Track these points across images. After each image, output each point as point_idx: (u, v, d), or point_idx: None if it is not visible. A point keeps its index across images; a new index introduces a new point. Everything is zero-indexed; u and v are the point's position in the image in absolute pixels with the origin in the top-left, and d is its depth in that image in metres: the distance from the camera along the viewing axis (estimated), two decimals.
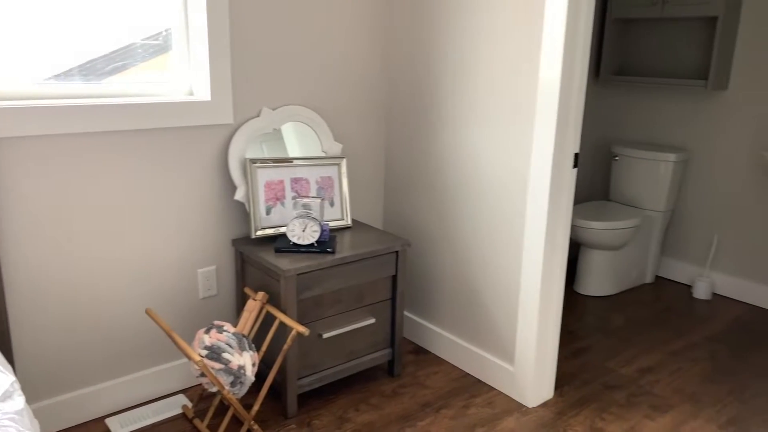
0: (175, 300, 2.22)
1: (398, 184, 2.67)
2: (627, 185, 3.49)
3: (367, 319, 2.28)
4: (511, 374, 2.28)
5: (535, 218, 2.10)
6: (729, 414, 2.22)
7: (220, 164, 2.23)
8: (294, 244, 2.16)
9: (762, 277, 3.19)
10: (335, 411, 2.18)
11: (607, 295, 3.34)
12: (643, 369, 2.54)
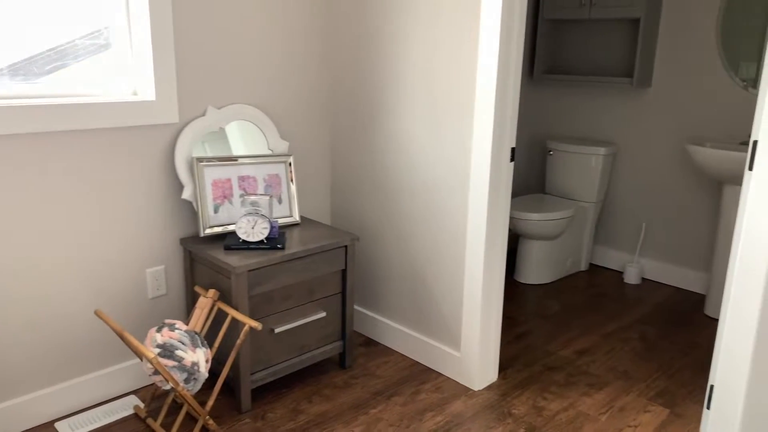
0: (124, 300, 2.21)
1: (344, 180, 2.73)
2: (561, 178, 3.67)
3: (318, 313, 2.33)
4: (457, 360, 2.39)
5: (476, 210, 2.21)
6: (658, 388, 2.40)
7: (166, 163, 2.24)
8: (243, 242, 2.19)
9: (686, 262, 3.43)
10: (288, 404, 2.23)
11: (544, 282, 3.50)
12: (579, 350, 2.69)
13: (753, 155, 1.60)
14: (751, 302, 1.61)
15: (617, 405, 2.27)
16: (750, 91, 3.06)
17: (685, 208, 3.39)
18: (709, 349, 2.74)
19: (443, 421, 2.14)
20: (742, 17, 3.03)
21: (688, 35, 3.23)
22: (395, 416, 2.16)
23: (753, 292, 1.60)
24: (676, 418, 2.19)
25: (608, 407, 2.25)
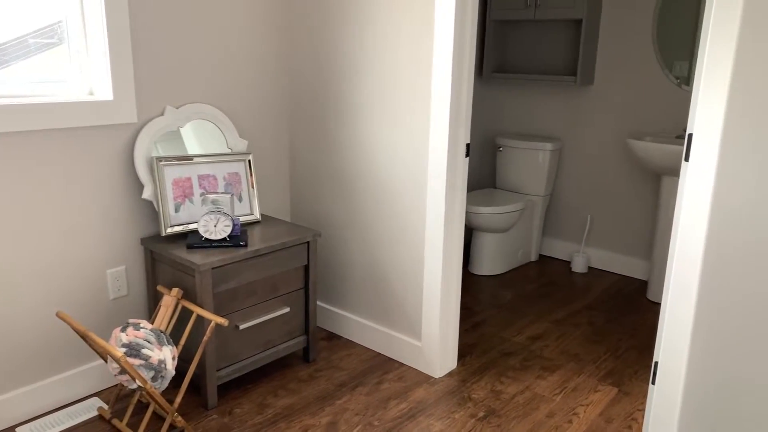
0: (84, 302, 2.19)
1: (304, 177, 2.77)
2: (510, 174, 3.81)
3: (282, 309, 2.37)
4: (418, 349, 2.47)
5: (434, 205, 2.29)
6: (607, 368, 2.54)
7: (125, 163, 2.23)
8: (206, 240, 2.21)
9: (629, 250, 3.62)
10: (255, 398, 2.26)
11: (497, 273, 3.63)
12: (533, 336, 2.82)
13: (689, 147, 1.74)
14: (690, 284, 1.74)
15: (570, 386, 2.40)
16: (683, 88, 3.26)
17: (627, 200, 3.58)
18: (653, 331, 2.92)
19: (407, 408, 2.22)
20: (675, 18, 3.23)
21: (626, 36, 3.41)
22: (360, 405, 2.22)
23: (691, 275, 1.73)
24: (624, 396, 2.34)
25: (561, 388, 2.38)
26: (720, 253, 1.38)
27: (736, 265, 1.37)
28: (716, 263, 1.39)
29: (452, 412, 2.20)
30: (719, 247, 1.38)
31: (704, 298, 1.42)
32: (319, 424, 2.11)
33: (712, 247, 1.38)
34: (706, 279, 1.40)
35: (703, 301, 1.65)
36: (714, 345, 1.42)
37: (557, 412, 2.22)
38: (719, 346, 1.41)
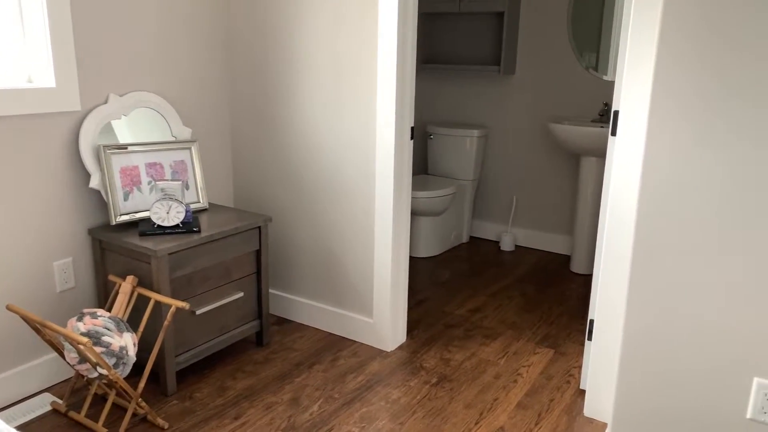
0: (31, 295, 2.13)
1: (248, 164, 2.80)
2: (441, 160, 3.99)
3: (236, 294, 2.40)
4: (370, 326, 2.57)
5: (383, 186, 2.40)
6: (542, 333, 2.76)
7: (70, 152, 2.18)
8: (159, 227, 2.20)
9: (553, 228, 3.89)
10: (214, 382, 2.28)
11: (433, 255, 3.80)
12: (472, 309, 3.00)
13: (615, 123, 1.95)
14: (621, 246, 1.95)
15: (511, 350, 2.59)
16: (593, 74, 3.55)
17: (550, 181, 3.84)
18: (579, 298, 3.17)
19: (364, 380, 2.32)
20: (586, 11, 3.51)
21: (544, 27, 3.66)
22: (319, 381, 2.30)
23: (623, 236, 1.94)
24: (560, 356, 2.55)
25: (504, 353, 2.56)
26: (649, 215, 1.57)
27: (666, 226, 1.56)
28: (646, 226, 1.58)
29: (407, 380, 2.33)
30: (649, 209, 1.57)
31: (637, 260, 1.61)
32: (282, 401, 2.17)
33: (642, 210, 1.57)
34: (638, 242, 1.60)
35: (638, 262, 1.84)
36: (646, 300, 1.62)
37: (503, 373, 2.40)
38: (651, 301, 1.61)
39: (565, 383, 2.33)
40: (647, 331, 1.63)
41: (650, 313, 1.62)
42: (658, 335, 1.62)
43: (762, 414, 1.51)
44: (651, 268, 1.59)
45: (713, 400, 1.58)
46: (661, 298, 1.59)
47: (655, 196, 1.55)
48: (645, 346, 1.64)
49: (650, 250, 1.58)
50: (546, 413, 2.14)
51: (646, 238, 1.58)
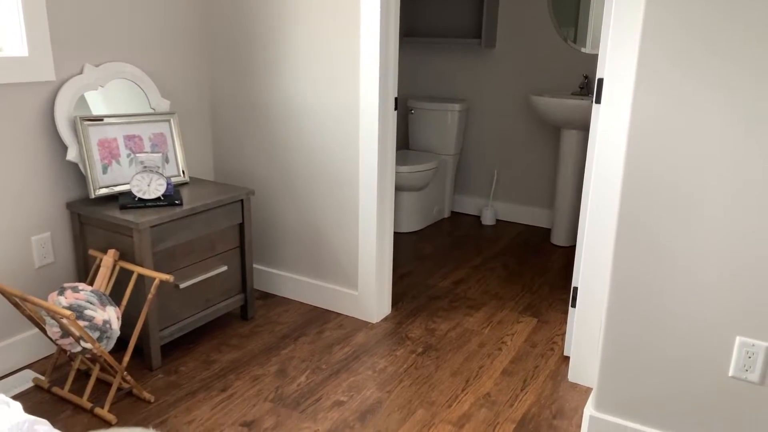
0: (8, 271, 2.08)
1: (228, 137, 2.76)
2: (422, 134, 3.98)
3: (220, 268, 2.38)
4: (355, 298, 2.57)
5: (368, 157, 2.39)
6: (525, 303, 2.79)
7: (45, 124, 2.12)
8: (140, 200, 2.16)
9: (533, 202, 3.92)
10: (199, 356, 2.27)
11: (415, 230, 3.81)
12: (456, 281, 3.02)
13: (600, 91, 1.96)
14: (605, 214, 1.97)
15: (495, 320, 2.61)
16: (572, 47, 3.55)
17: (530, 155, 3.86)
18: (560, 269, 3.21)
19: (351, 351, 2.33)
20: None
21: (524, 0, 3.65)
22: (306, 353, 2.30)
23: (607, 204, 1.96)
24: (543, 324, 2.59)
25: (488, 322, 2.59)
26: (634, 186, 1.58)
27: (651, 187, 1.58)
28: (631, 195, 1.59)
29: (393, 350, 2.34)
30: (633, 179, 1.58)
31: (622, 223, 1.63)
32: (268, 373, 2.16)
33: (627, 180, 1.59)
34: (624, 211, 1.61)
35: (623, 231, 1.85)
36: (631, 262, 1.64)
37: (487, 342, 2.42)
38: (636, 262, 1.64)
39: (549, 350, 2.37)
40: (631, 293, 1.66)
41: (635, 275, 1.64)
42: (642, 296, 1.65)
43: (743, 372, 1.55)
44: (636, 231, 1.61)
45: (696, 359, 1.62)
46: (646, 260, 1.61)
47: (641, 158, 1.56)
48: (629, 307, 1.67)
49: (636, 213, 1.60)
50: (531, 379, 2.17)
51: (632, 200, 1.60)
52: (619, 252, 1.65)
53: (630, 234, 1.62)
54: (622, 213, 1.61)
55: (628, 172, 1.58)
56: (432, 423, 1.92)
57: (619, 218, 1.62)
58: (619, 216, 1.62)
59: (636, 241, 1.61)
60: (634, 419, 1.75)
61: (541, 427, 1.91)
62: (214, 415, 1.93)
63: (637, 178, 1.58)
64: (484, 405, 2.01)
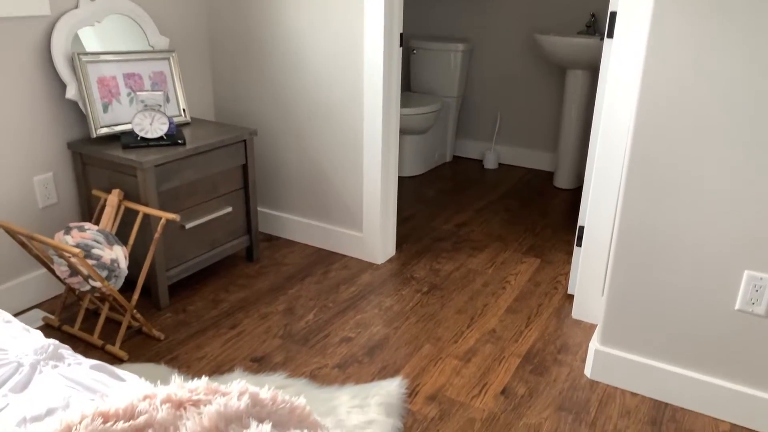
0: (12, 212, 2.07)
1: (228, 76, 2.70)
2: (425, 76, 3.91)
3: (225, 209, 2.37)
4: (360, 240, 2.58)
5: (372, 96, 2.34)
6: (528, 244, 2.80)
7: (42, 61, 2.06)
8: (142, 139, 2.13)
9: (536, 145, 3.89)
10: (206, 296, 2.28)
11: (417, 174, 3.79)
12: (459, 224, 3.02)
13: (612, 24, 1.90)
14: (614, 153, 1.95)
15: (498, 260, 2.63)
16: None
17: (534, 97, 3.81)
18: (563, 212, 3.21)
19: (357, 290, 2.35)
20: None
21: None
22: (312, 292, 2.32)
23: (616, 144, 1.94)
24: (546, 264, 2.61)
25: (492, 263, 2.60)
26: (646, 124, 1.56)
27: (663, 127, 1.56)
28: (643, 128, 1.57)
29: (399, 289, 2.36)
30: (646, 112, 1.56)
31: (633, 162, 1.62)
32: (277, 311, 2.19)
33: (640, 111, 1.56)
34: (635, 146, 1.59)
35: (635, 170, 1.84)
36: (641, 196, 1.64)
37: (491, 282, 2.44)
38: (646, 196, 1.63)
39: (553, 289, 2.39)
40: (640, 228, 1.66)
41: (644, 210, 1.64)
42: (651, 231, 1.65)
43: (750, 305, 1.57)
44: (646, 166, 1.60)
45: (703, 293, 1.63)
46: (656, 194, 1.61)
47: (656, 90, 1.53)
48: (637, 242, 1.68)
49: (647, 147, 1.58)
50: (535, 316, 2.20)
51: (644, 133, 1.58)
52: (629, 187, 1.64)
53: (640, 169, 1.61)
54: (634, 148, 1.60)
55: (641, 104, 1.56)
56: (439, 357, 1.95)
57: (631, 153, 1.60)
58: (631, 150, 1.60)
59: (646, 176, 1.60)
60: (640, 353, 1.78)
61: (546, 361, 1.95)
62: (224, 351, 1.95)
63: (649, 110, 1.55)
64: (489, 341, 2.05)
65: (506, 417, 1.70)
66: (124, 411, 0.71)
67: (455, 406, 1.73)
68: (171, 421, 0.70)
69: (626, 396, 1.79)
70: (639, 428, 1.67)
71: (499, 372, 1.89)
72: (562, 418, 1.70)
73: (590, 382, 1.85)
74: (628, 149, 1.62)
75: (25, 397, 0.87)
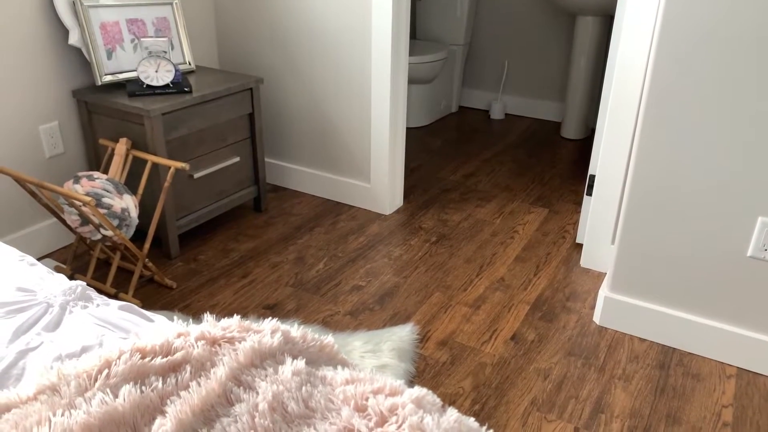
0: (19, 162, 2.05)
1: (233, 23, 2.64)
2: (430, 23, 3.82)
3: (232, 158, 2.35)
4: (368, 190, 2.57)
5: (381, 44, 2.29)
6: (535, 195, 2.80)
7: (42, 4, 2.01)
8: (148, 86, 2.10)
9: (543, 95, 3.84)
10: (216, 245, 2.29)
11: (423, 125, 3.75)
12: (466, 174, 3.01)
13: None
14: (628, 101, 1.92)
15: (506, 210, 2.63)
16: None
17: (542, 45, 3.73)
18: (570, 162, 3.20)
19: (365, 240, 2.35)
20: None
21: None
22: (321, 242, 2.33)
23: (630, 92, 1.91)
24: (554, 214, 2.61)
25: (499, 213, 2.60)
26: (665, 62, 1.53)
27: (681, 69, 1.53)
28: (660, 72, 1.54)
29: (407, 239, 2.37)
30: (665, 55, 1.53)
31: (648, 109, 1.59)
32: (287, 260, 2.20)
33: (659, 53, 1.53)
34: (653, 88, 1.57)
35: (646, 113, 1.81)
36: (655, 145, 1.62)
37: (499, 231, 2.45)
38: (660, 145, 1.61)
39: (561, 238, 2.40)
40: (653, 175, 1.65)
41: (657, 157, 1.63)
42: (664, 178, 1.64)
43: (762, 251, 1.57)
44: (661, 111, 1.58)
45: (715, 240, 1.64)
46: (670, 140, 1.59)
47: (677, 29, 1.50)
48: (650, 190, 1.67)
49: (663, 93, 1.56)
50: (544, 265, 2.21)
51: (662, 74, 1.55)
52: (643, 134, 1.62)
53: (655, 116, 1.58)
54: (652, 88, 1.57)
55: (661, 41, 1.52)
56: (449, 305, 1.97)
57: (648, 94, 1.58)
58: (649, 91, 1.58)
59: (662, 118, 1.58)
60: (649, 299, 1.80)
61: (554, 308, 1.97)
62: (237, 299, 1.97)
63: (670, 49, 1.52)
64: (498, 288, 2.06)
65: (516, 362, 1.73)
66: (161, 347, 0.72)
67: (466, 351, 1.76)
68: (207, 357, 0.71)
69: (634, 341, 1.82)
70: (647, 372, 1.70)
71: (508, 319, 1.91)
72: (572, 363, 1.73)
73: (599, 329, 1.87)
74: (645, 90, 1.59)
75: (58, 335, 0.88)
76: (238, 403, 0.67)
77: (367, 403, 0.68)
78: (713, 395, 1.62)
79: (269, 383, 0.67)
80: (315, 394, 0.67)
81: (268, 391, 0.66)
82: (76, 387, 0.70)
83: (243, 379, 0.70)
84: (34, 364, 0.81)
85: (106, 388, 0.67)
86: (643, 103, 1.60)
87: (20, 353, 0.84)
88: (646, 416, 1.55)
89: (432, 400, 0.68)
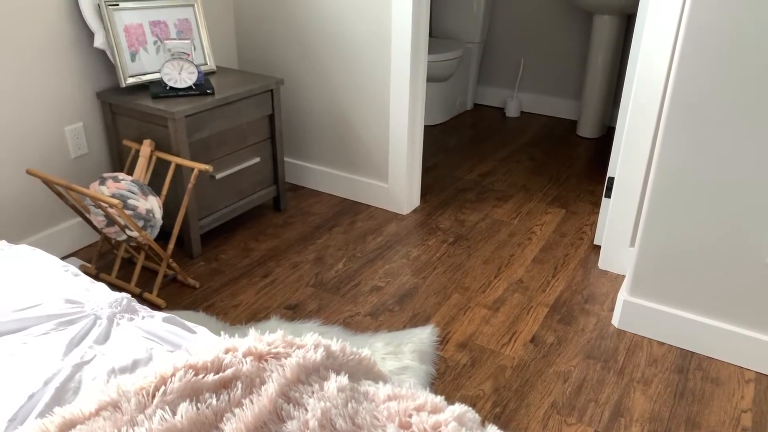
0: (45, 163, 2.09)
1: (253, 24, 2.66)
2: (447, 21, 3.82)
3: (253, 159, 2.38)
4: (386, 190, 2.59)
5: (400, 44, 2.30)
6: (552, 194, 2.80)
7: (69, 9, 2.04)
8: (171, 89, 2.12)
9: (559, 92, 3.83)
10: (237, 245, 2.32)
11: (438, 123, 3.76)
12: (482, 174, 3.02)
13: None
14: (649, 102, 1.92)
15: (524, 211, 2.64)
16: None
17: (559, 42, 3.72)
18: (587, 161, 3.20)
19: (384, 240, 2.38)
20: None
21: None
22: (340, 242, 2.35)
23: (651, 95, 1.91)
24: (571, 215, 2.61)
25: (517, 213, 2.62)
26: (690, 58, 1.53)
27: (706, 66, 1.53)
28: (685, 69, 1.54)
29: (425, 240, 2.39)
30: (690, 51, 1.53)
31: (671, 112, 1.60)
32: (307, 260, 2.23)
33: (681, 64, 1.53)
34: (678, 85, 1.57)
35: (670, 116, 1.81)
36: (675, 156, 1.63)
37: (517, 232, 2.46)
38: (680, 157, 1.62)
39: (578, 240, 2.41)
40: (675, 180, 1.66)
41: (680, 162, 1.63)
42: (686, 183, 1.65)
43: None
44: (685, 115, 1.58)
45: (736, 244, 1.64)
46: (693, 145, 1.60)
47: (698, 42, 1.50)
48: (671, 194, 1.68)
49: (690, 85, 1.56)
50: (562, 267, 2.22)
51: (687, 71, 1.55)
52: (666, 138, 1.63)
53: (678, 119, 1.59)
54: (676, 86, 1.58)
55: (686, 38, 1.53)
56: (468, 306, 1.99)
57: (672, 91, 1.58)
58: (673, 88, 1.58)
59: (684, 126, 1.59)
60: (669, 303, 1.81)
61: (573, 310, 1.98)
62: (259, 298, 2.00)
63: (694, 45, 1.52)
64: (517, 290, 2.08)
65: (536, 364, 1.75)
66: (212, 363, 0.75)
67: (486, 354, 1.78)
68: (256, 373, 0.74)
69: (653, 345, 1.83)
70: (666, 376, 1.71)
71: (527, 321, 1.93)
72: (591, 366, 1.74)
73: (618, 332, 1.89)
74: (670, 87, 1.59)
75: (108, 348, 0.91)
76: (289, 420, 0.70)
77: (411, 420, 0.70)
78: (732, 400, 1.64)
79: (317, 400, 0.70)
80: (360, 411, 0.69)
81: (317, 408, 0.68)
82: (136, 404, 0.72)
83: (291, 395, 0.72)
84: (89, 377, 0.84)
85: (164, 405, 0.69)
86: (666, 105, 1.60)
87: (76, 366, 0.87)
88: (666, 420, 1.56)
89: (473, 417, 0.71)
